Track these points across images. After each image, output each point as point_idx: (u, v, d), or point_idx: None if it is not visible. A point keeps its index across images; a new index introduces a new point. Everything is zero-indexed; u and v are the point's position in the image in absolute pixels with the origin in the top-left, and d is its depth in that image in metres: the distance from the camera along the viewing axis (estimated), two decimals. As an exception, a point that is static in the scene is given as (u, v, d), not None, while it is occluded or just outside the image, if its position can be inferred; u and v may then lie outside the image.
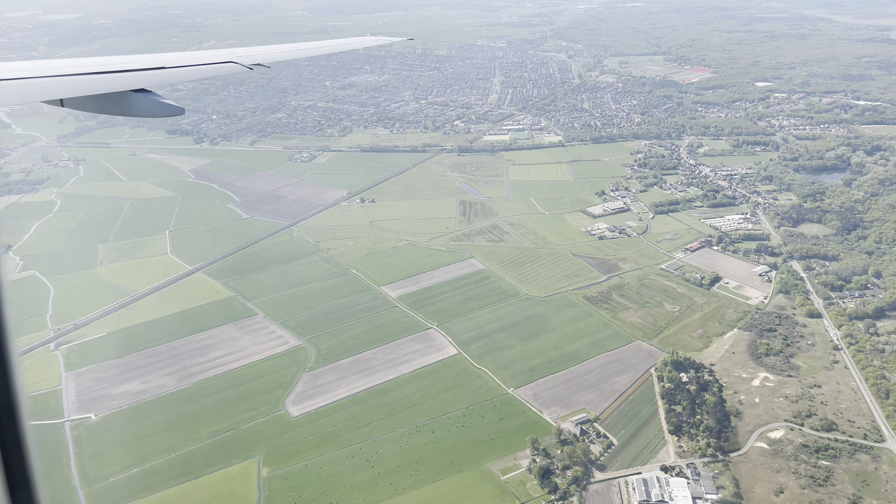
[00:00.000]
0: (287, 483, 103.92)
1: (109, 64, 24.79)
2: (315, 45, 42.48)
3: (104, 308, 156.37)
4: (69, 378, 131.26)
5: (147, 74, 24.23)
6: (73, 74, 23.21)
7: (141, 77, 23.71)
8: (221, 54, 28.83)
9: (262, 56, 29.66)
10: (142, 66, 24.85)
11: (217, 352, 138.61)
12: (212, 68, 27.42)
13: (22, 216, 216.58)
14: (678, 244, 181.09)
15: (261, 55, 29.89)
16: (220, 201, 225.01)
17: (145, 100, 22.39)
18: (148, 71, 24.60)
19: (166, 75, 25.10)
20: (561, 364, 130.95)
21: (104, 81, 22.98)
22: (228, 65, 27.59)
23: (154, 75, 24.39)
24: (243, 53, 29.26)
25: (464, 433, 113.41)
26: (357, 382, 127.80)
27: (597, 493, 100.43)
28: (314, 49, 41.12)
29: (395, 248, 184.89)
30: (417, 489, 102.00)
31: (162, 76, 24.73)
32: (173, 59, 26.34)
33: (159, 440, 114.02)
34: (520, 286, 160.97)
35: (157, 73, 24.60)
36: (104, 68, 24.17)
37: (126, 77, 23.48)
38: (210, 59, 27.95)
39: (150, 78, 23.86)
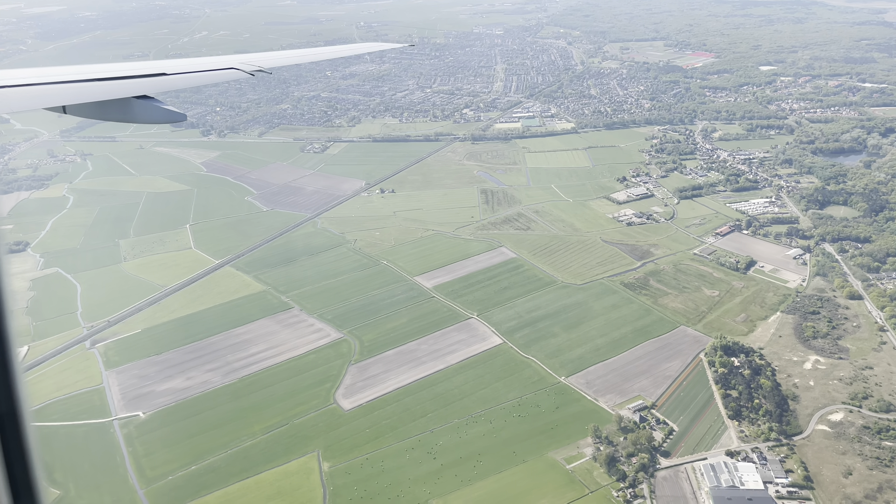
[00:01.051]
0: (350, 477, 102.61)
1: (111, 70, 24.76)
2: (316, 51, 42.53)
3: (135, 304, 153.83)
4: (111, 376, 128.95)
5: (149, 81, 24.27)
6: (75, 81, 23.04)
7: (143, 84, 23.80)
8: (223, 60, 29.05)
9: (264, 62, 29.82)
10: (143, 73, 24.91)
11: (258, 346, 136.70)
12: (214, 74, 27.57)
13: (35, 212, 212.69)
14: (707, 229, 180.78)
15: (262, 61, 30.00)
16: (237, 194, 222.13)
17: (147, 106, 22.51)
18: (150, 77, 24.63)
19: (168, 82, 25.03)
20: (609, 351, 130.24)
21: (106, 88, 22.92)
22: (230, 71, 27.82)
23: (156, 82, 24.42)
24: (245, 59, 29.41)
25: (521, 423, 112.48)
26: (405, 374, 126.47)
27: (665, 480, 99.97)
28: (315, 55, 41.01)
29: (423, 238, 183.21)
30: (483, 480, 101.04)
31: (164, 83, 24.71)
32: (175, 65, 26.47)
33: (212, 437, 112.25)
34: (555, 274, 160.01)
35: (158, 80, 24.61)
36: (106, 75, 24.11)
37: (128, 84, 23.63)
38: (211, 65, 28.14)
39: (152, 84, 23.92)
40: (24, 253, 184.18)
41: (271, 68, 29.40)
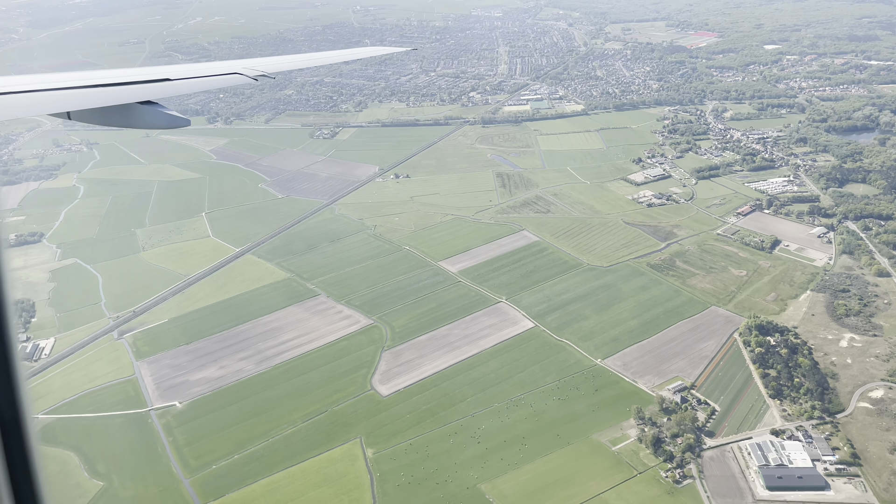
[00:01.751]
0: (395, 463, 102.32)
1: (115, 76, 24.81)
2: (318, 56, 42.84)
3: (159, 294, 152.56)
4: (142, 366, 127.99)
5: (153, 87, 24.31)
6: (79, 87, 23.17)
7: (147, 89, 23.81)
8: (226, 66, 29.25)
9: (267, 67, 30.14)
10: (147, 79, 24.93)
11: (288, 334, 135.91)
12: (218, 80, 27.72)
13: (46, 203, 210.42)
14: (728, 209, 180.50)
15: (265, 66, 30.32)
16: (250, 181, 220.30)
17: (151, 112, 22.58)
18: (154, 83, 24.67)
19: (172, 87, 25.07)
20: (642, 333, 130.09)
21: (110, 94, 23.04)
22: (234, 76, 27.97)
23: (160, 87, 24.46)
24: (248, 65, 29.70)
25: (563, 406, 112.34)
26: (440, 359, 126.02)
27: (712, 460, 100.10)
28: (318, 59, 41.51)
29: (443, 222, 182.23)
30: (530, 463, 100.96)
31: (168, 88, 24.75)
32: (179, 70, 26.57)
33: (252, 425, 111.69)
34: (580, 256, 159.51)
35: (162, 86, 24.65)
36: (110, 81, 24.17)
37: (132, 89, 23.62)
38: (216, 70, 28.33)
39: (156, 90, 23.96)
40: (40, 244, 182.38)
41: (274, 73, 29.70)
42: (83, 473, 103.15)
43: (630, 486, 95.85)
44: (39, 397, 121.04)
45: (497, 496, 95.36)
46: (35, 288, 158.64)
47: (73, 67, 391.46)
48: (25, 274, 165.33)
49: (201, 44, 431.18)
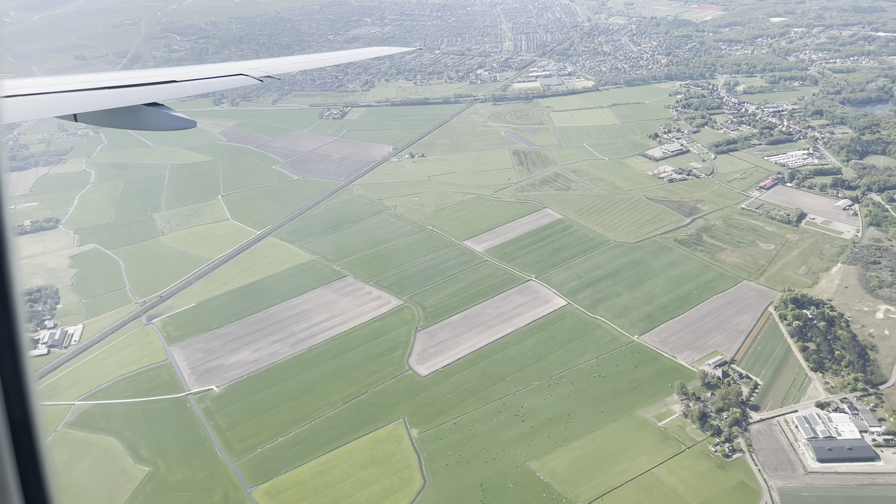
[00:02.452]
0: (442, 442, 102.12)
1: (122, 78, 24.98)
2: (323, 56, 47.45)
3: (184, 278, 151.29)
4: (175, 351, 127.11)
5: (159, 88, 24.32)
6: (85, 89, 23.27)
7: (153, 91, 23.84)
8: (232, 67, 29.44)
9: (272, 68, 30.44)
10: (153, 81, 24.99)
11: (319, 316, 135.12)
12: (223, 81, 27.93)
13: (58, 188, 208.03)
14: (750, 183, 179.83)
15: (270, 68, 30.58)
16: (264, 163, 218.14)
17: (158, 114, 22.65)
18: (160, 85, 24.71)
19: (178, 89, 25.08)
20: (676, 309, 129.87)
21: (117, 96, 23.14)
22: (240, 77, 28.03)
23: (166, 89, 24.47)
24: (253, 66, 29.78)
25: (604, 383, 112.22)
26: (475, 338, 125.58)
27: (760, 434, 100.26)
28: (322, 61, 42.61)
29: (464, 202, 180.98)
30: (577, 440, 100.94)
31: (174, 90, 24.76)
32: (185, 72, 26.73)
33: (293, 408, 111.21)
34: (606, 233, 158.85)
35: (168, 87, 24.68)
36: (116, 83, 24.33)
37: (138, 91, 23.70)
38: (221, 72, 28.50)
39: (162, 92, 23.97)
40: (57, 230, 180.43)
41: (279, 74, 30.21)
42: (128, 459, 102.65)
43: (680, 461, 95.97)
44: (74, 384, 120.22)
45: (548, 473, 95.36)
46: (57, 274, 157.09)
47: (69, 50, 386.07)
48: (45, 260, 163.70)
49: (198, 24, 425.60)
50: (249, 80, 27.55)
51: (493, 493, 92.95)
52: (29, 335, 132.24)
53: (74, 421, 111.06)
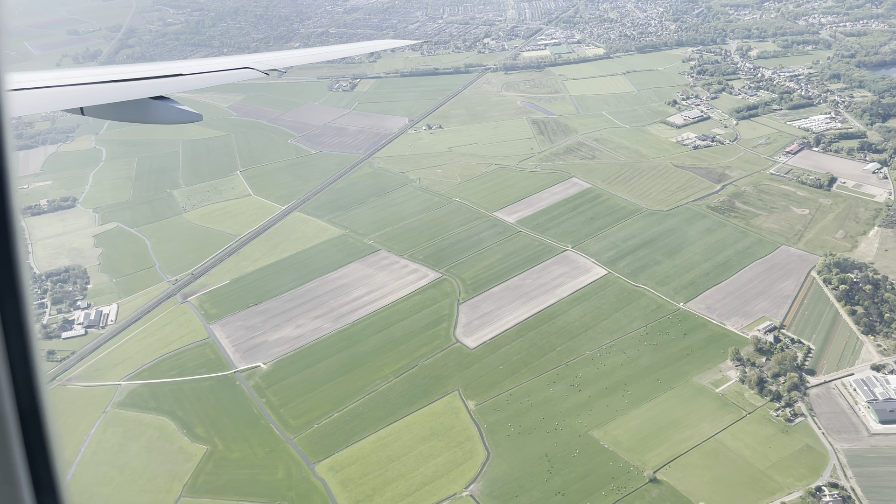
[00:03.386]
0: (500, 414, 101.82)
1: (128, 72, 24.99)
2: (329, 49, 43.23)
3: (214, 255, 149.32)
4: (216, 329, 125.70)
5: (165, 82, 24.37)
6: (92, 83, 23.17)
7: (159, 84, 23.87)
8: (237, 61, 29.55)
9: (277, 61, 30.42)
10: (160, 74, 25.05)
11: (358, 290, 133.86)
12: (229, 74, 27.85)
13: (70, 166, 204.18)
14: (775, 148, 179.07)
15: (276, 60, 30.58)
16: (278, 137, 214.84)
17: (164, 107, 22.73)
18: (166, 78, 24.75)
19: (184, 82, 25.13)
20: (718, 275, 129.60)
21: (123, 89, 23.04)
22: (245, 70, 28.14)
23: (172, 82, 24.52)
24: (259, 59, 29.82)
25: (655, 351, 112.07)
26: (519, 309, 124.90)
27: (819, 397, 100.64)
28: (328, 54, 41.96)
29: (488, 173, 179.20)
30: (636, 408, 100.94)
31: (180, 83, 24.81)
32: (190, 66, 26.88)
33: (344, 383, 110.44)
34: (637, 201, 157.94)
35: (174, 80, 24.70)
36: (123, 76, 24.26)
37: (145, 85, 23.76)
38: (227, 65, 28.57)
39: (169, 85, 24.06)
40: (75, 209, 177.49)
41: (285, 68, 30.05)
42: (183, 438, 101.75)
43: (742, 427, 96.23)
44: (117, 364, 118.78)
45: (611, 442, 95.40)
46: (82, 254, 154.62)
47: (60, 25, 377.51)
48: (68, 240, 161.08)
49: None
50: (255, 74, 27.56)
51: (559, 463, 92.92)
52: (63, 316, 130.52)
53: (123, 401, 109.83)
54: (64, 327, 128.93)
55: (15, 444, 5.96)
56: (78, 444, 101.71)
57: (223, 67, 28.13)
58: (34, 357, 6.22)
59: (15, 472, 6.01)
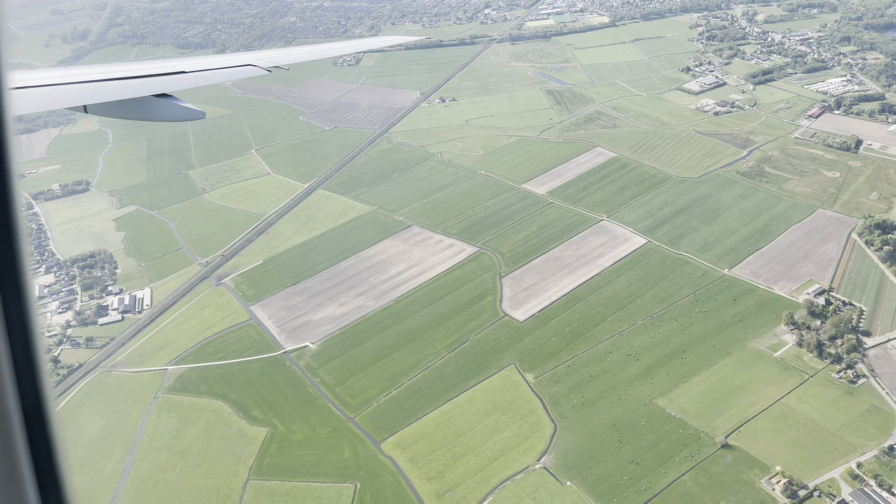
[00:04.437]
0: (561, 386, 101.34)
1: (131, 70, 25.24)
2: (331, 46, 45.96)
3: (242, 236, 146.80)
4: (256, 310, 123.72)
5: (168, 79, 24.51)
6: (95, 81, 23.35)
7: (162, 82, 24.07)
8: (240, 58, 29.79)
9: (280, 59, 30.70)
10: (163, 72, 25.23)
11: (396, 267, 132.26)
12: (232, 71, 28.23)
13: (77, 150, 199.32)
14: (796, 112, 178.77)
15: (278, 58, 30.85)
16: (288, 114, 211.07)
17: (167, 104, 22.83)
18: (169, 76, 24.90)
19: (187, 79, 25.14)
20: (759, 241, 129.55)
21: (126, 87, 23.31)
22: (248, 68, 28.34)
23: (175, 80, 24.61)
24: (261, 56, 29.97)
25: (707, 318, 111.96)
26: (563, 281, 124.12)
27: (878, 358, 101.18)
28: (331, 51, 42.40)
29: (510, 145, 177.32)
30: (697, 375, 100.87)
31: (183, 80, 24.84)
32: (193, 63, 26.95)
33: (397, 360, 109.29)
34: (666, 169, 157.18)
35: (177, 78, 24.81)
36: (126, 74, 24.54)
37: (147, 82, 23.94)
38: (230, 62, 28.77)
39: (172, 82, 24.19)
40: (89, 192, 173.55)
41: (288, 65, 30.02)
42: (241, 421, 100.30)
43: (806, 390, 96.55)
44: (159, 349, 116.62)
45: (677, 409, 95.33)
46: (104, 238, 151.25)
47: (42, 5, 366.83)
48: (88, 224, 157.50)
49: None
50: (258, 71, 27.71)
51: (628, 432, 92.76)
52: (95, 302, 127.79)
53: (173, 386, 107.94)
54: (99, 313, 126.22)
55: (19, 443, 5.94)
56: (133, 431, 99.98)
57: (226, 65, 28.23)
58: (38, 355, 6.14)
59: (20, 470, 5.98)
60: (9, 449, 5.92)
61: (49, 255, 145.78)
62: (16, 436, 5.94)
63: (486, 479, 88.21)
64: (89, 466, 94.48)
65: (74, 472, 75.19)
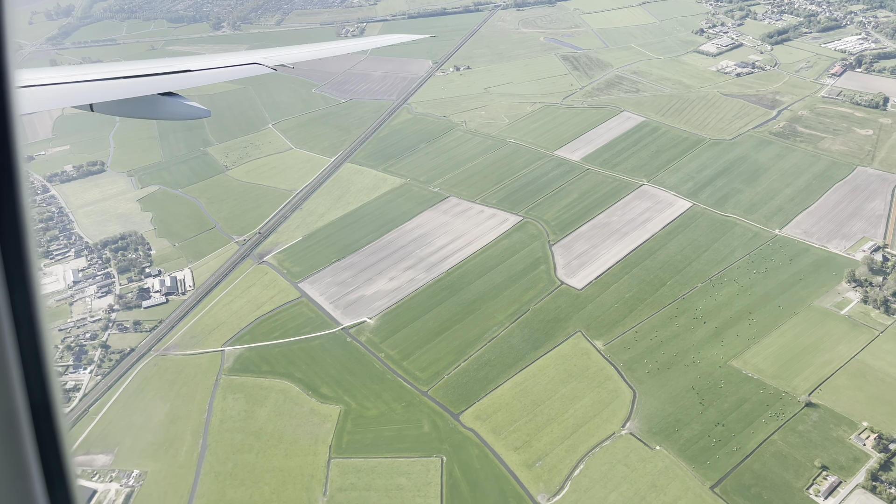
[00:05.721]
0: (632, 352, 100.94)
1: (137, 69, 25.37)
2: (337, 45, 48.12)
3: (275, 213, 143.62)
4: (305, 287, 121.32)
5: (174, 78, 24.56)
6: (101, 80, 23.41)
7: (167, 81, 24.09)
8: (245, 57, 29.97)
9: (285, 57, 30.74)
10: (168, 70, 25.28)
11: (441, 239, 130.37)
12: (237, 70, 28.36)
13: (82, 129, 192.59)
14: (818, 71, 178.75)
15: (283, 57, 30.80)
16: (300, 87, 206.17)
17: (173, 103, 22.88)
18: (175, 74, 24.95)
19: (193, 78, 25.22)
20: (804, 200, 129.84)
21: (132, 86, 23.41)
22: (253, 66, 28.37)
23: (181, 78, 24.67)
24: (266, 55, 30.05)
25: (766, 278, 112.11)
26: (615, 247, 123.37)
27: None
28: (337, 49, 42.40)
29: (535, 112, 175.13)
30: (767, 336, 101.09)
31: (189, 79, 24.92)
32: (199, 62, 27.07)
33: (459, 332, 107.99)
34: (697, 132, 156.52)
35: (183, 77, 24.87)
36: (132, 73, 24.64)
37: (153, 81, 24.02)
38: (235, 61, 28.92)
39: (177, 81, 24.23)
40: (106, 173, 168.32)
41: (293, 63, 30.25)
42: (311, 399, 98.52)
43: (880, 346, 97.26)
44: (212, 330, 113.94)
45: (754, 370, 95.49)
46: (132, 219, 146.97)
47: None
48: (112, 206, 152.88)
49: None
50: (263, 70, 27.69)
51: (709, 395, 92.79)
52: (135, 285, 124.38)
53: (233, 367, 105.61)
54: (142, 296, 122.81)
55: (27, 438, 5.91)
56: (201, 414, 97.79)
57: (231, 63, 28.34)
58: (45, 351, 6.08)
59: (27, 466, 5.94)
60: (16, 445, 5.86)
61: (76, 238, 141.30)
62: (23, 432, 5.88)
63: (574, 447, 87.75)
64: (162, 451, 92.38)
65: (148, 458, 72.73)
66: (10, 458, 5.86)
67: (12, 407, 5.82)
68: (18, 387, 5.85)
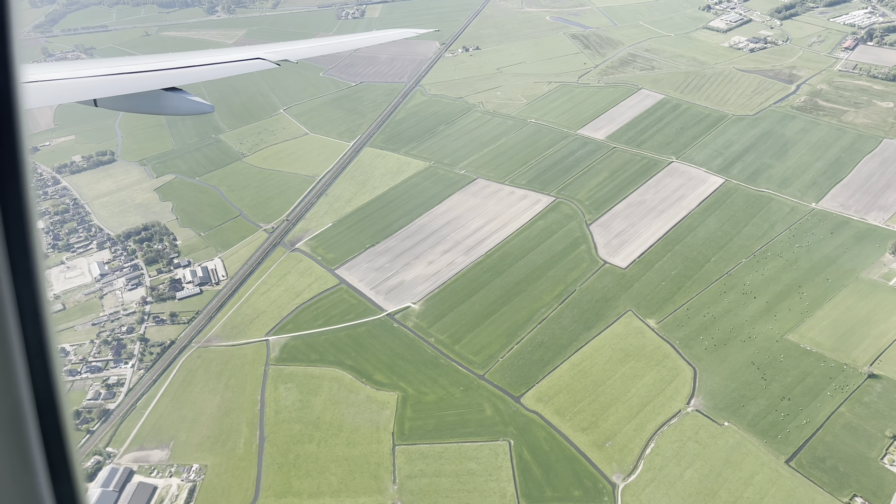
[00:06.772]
0: (686, 329, 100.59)
1: (140, 64, 25.28)
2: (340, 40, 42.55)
3: (300, 199, 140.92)
4: (343, 273, 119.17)
5: (178, 73, 24.58)
6: (105, 75, 23.60)
7: (171, 76, 24.09)
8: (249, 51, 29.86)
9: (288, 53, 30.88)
10: (172, 66, 25.33)
11: (475, 221, 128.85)
12: (240, 65, 28.17)
13: (86, 119, 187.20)
14: (830, 45, 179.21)
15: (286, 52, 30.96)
16: (307, 72, 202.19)
17: (176, 98, 23.02)
18: (178, 69, 25.01)
19: (196, 73, 25.42)
20: (836, 173, 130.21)
21: (136, 81, 23.42)
22: (256, 61, 28.35)
23: (184, 73, 24.74)
24: (270, 50, 29.87)
25: (811, 252, 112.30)
26: (653, 225, 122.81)
27: None
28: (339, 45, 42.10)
29: (552, 91, 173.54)
30: (819, 309, 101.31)
31: (192, 74, 25.08)
32: (202, 57, 27.36)
33: (508, 315, 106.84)
34: (719, 108, 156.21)
35: (187, 72, 24.97)
36: (136, 68, 24.60)
37: (156, 76, 24.00)
38: (238, 56, 28.89)
39: (181, 76, 24.25)
40: (117, 163, 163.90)
41: (297, 59, 30.44)
42: (365, 387, 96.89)
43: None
44: (252, 320, 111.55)
45: (811, 343, 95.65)
46: (151, 209, 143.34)
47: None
48: (129, 196, 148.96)
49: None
50: (267, 65, 27.70)
51: (770, 370, 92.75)
52: (166, 276, 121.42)
53: (280, 356, 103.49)
54: (174, 287, 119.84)
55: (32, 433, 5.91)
56: (253, 406, 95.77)
57: (234, 58, 28.19)
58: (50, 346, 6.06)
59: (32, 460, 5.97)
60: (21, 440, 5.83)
61: (96, 230, 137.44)
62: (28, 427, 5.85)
63: (641, 426, 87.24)
64: (220, 444, 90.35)
65: (206, 452, 70.77)
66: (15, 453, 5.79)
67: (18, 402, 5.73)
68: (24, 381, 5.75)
